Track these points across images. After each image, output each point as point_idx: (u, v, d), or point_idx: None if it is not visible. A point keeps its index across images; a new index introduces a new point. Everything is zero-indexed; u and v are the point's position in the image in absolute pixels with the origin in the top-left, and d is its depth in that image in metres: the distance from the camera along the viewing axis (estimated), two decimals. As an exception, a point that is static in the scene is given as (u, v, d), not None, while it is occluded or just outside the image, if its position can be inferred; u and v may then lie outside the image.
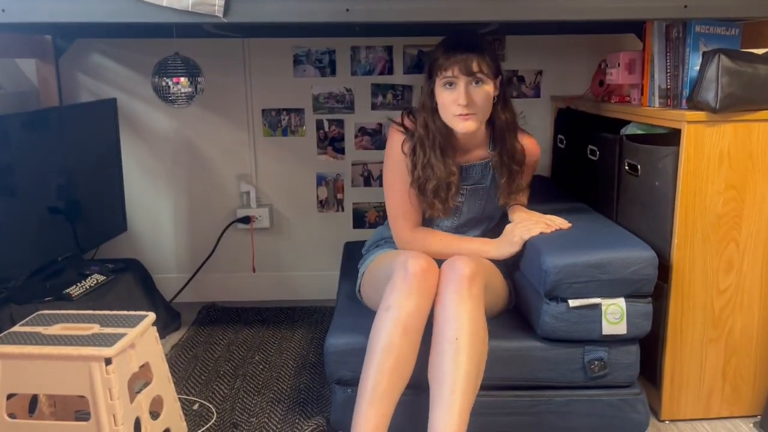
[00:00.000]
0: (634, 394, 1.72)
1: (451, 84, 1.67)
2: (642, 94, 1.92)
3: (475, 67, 1.64)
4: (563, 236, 1.75)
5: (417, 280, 1.57)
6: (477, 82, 1.67)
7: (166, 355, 2.25)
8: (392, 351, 1.52)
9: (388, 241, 1.92)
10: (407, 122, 1.80)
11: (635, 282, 1.63)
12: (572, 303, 1.64)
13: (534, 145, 1.87)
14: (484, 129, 1.79)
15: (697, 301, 1.75)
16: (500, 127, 1.78)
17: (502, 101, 1.76)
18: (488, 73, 1.67)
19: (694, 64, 1.72)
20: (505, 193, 1.82)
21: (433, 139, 1.74)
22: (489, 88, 1.69)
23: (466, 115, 1.67)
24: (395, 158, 1.79)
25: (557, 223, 1.76)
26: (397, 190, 1.80)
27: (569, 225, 1.77)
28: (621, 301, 1.65)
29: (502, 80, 1.75)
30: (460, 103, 1.65)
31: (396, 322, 1.54)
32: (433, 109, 1.74)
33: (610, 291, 1.64)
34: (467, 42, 1.67)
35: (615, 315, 1.65)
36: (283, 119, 2.67)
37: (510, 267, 1.88)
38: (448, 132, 1.75)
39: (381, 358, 1.52)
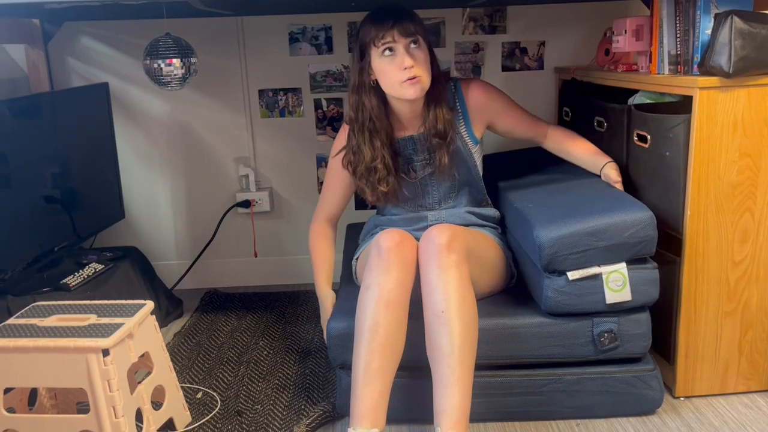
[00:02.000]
0: (648, 370, 1.68)
1: (391, 50, 1.65)
2: (650, 61, 1.85)
3: (411, 27, 1.64)
4: (554, 205, 1.70)
5: (392, 253, 1.56)
6: (415, 42, 1.66)
7: (168, 343, 2.23)
8: (378, 329, 1.51)
9: (383, 228, 1.88)
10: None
11: (635, 245, 1.59)
12: (571, 275, 1.60)
13: (476, 84, 1.85)
14: (422, 100, 1.75)
15: (711, 274, 1.70)
16: (429, 99, 1.75)
17: (434, 67, 1.74)
18: (423, 34, 1.68)
19: (706, 27, 1.64)
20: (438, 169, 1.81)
21: (363, 122, 1.74)
22: (426, 49, 1.69)
23: (413, 78, 1.65)
24: (336, 150, 1.87)
25: None
26: (327, 178, 1.94)
27: None
28: (622, 267, 1.60)
29: (429, 46, 1.73)
30: (407, 65, 1.63)
31: (378, 299, 1.53)
32: (369, 87, 1.72)
33: (609, 257, 1.60)
34: (395, 8, 1.67)
35: (617, 282, 1.60)
36: (281, 99, 2.61)
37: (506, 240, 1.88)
38: (380, 112, 1.74)
39: (369, 338, 1.51)
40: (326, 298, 1.88)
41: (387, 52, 1.65)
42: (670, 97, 1.81)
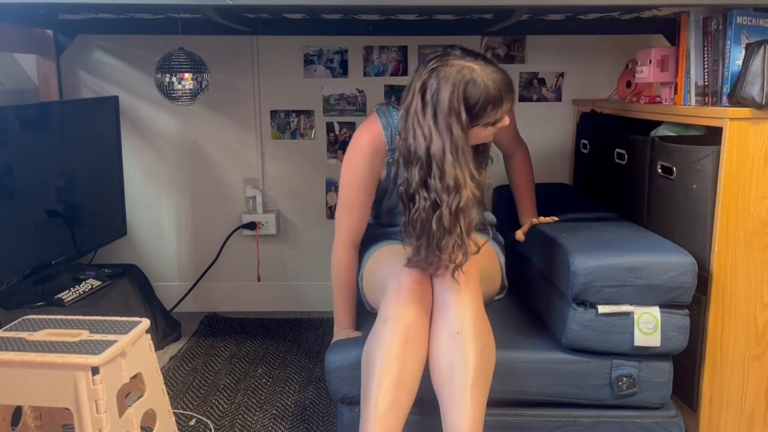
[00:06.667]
0: (670, 416, 1.58)
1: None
2: (675, 92, 1.80)
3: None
4: (591, 237, 1.64)
5: (411, 293, 1.47)
6: None
7: (163, 366, 2.15)
8: (394, 363, 1.40)
9: (386, 236, 1.78)
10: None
11: (672, 290, 1.50)
12: (601, 309, 1.52)
13: None
14: None
15: (738, 315, 1.61)
16: None
17: None
18: None
19: (736, 58, 1.59)
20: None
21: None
22: None
23: None
24: (367, 154, 1.62)
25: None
26: (351, 194, 1.65)
27: None
28: (655, 310, 1.52)
29: None
30: (507, 124, 1.54)
31: (395, 333, 1.42)
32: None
33: (644, 298, 1.52)
34: (504, 81, 1.49)
35: (648, 325, 1.52)
36: (292, 121, 2.56)
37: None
38: None
39: (382, 372, 1.40)
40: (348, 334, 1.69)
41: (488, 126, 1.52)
42: (694, 130, 1.75)
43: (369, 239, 1.82)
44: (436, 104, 1.42)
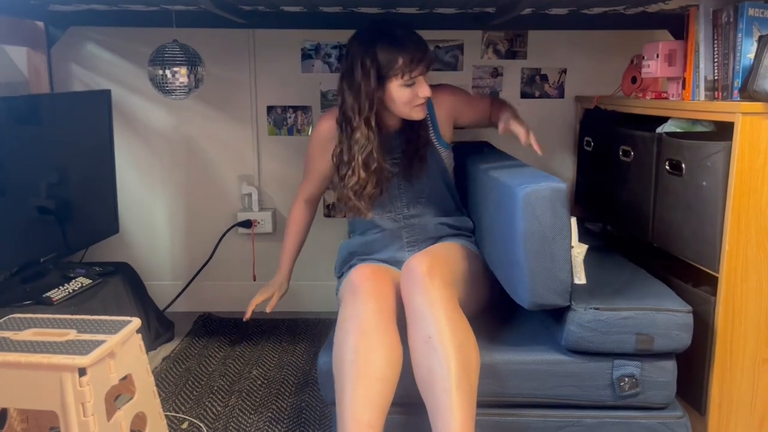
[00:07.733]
0: (676, 417, 1.55)
1: (413, 83, 1.69)
2: (684, 87, 1.75)
3: (430, 58, 1.72)
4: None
5: (363, 287, 1.52)
6: None
7: (156, 367, 2.09)
8: (357, 358, 1.41)
9: (360, 258, 1.83)
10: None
11: None
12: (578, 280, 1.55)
13: (442, 89, 1.89)
14: None
15: (749, 317, 1.57)
16: None
17: None
18: None
19: (747, 51, 1.55)
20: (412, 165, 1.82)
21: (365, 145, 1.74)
22: None
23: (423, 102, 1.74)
24: (320, 137, 1.90)
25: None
26: (306, 162, 1.99)
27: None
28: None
29: None
30: (426, 94, 1.71)
31: (354, 330, 1.45)
32: (376, 105, 1.71)
33: None
34: (417, 39, 1.70)
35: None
36: (289, 117, 2.51)
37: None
38: (376, 135, 1.75)
39: (348, 369, 1.41)
40: (281, 281, 2.06)
41: (408, 84, 1.69)
42: (702, 126, 1.71)
43: (345, 258, 1.87)
44: (353, 63, 1.68)
